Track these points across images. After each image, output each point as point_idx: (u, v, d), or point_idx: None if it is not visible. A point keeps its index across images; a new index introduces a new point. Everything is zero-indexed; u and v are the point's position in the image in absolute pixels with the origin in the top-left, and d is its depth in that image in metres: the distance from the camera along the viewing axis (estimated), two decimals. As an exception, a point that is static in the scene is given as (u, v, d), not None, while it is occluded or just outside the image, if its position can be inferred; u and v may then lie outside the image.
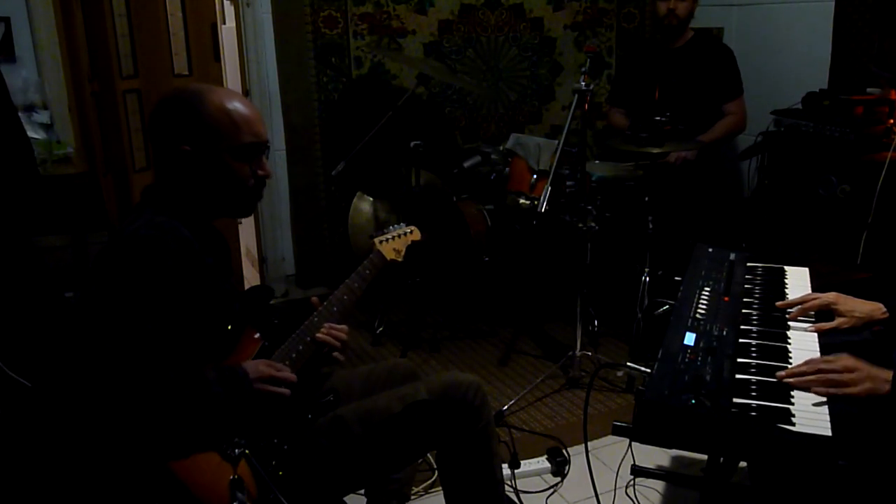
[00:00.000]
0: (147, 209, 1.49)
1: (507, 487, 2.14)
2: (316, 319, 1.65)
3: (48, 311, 2.41)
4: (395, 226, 1.93)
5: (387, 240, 1.88)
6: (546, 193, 2.48)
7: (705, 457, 1.55)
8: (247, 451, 1.42)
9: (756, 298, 1.81)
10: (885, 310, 1.66)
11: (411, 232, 1.93)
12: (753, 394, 1.37)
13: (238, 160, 1.51)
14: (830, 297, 1.72)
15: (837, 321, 1.67)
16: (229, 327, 1.54)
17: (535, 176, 3.21)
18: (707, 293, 1.78)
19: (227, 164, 1.50)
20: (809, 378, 1.39)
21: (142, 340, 1.31)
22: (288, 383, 1.50)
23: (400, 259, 1.88)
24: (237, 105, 1.51)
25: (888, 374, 1.38)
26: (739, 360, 1.50)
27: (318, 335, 1.64)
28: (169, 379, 1.32)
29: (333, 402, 1.63)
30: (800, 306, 1.72)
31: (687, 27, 3.48)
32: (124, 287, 1.34)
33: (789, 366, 1.47)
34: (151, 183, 1.57)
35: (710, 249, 2.06)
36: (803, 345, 1.59)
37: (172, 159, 1.50)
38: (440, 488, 2.05)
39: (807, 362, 1.45)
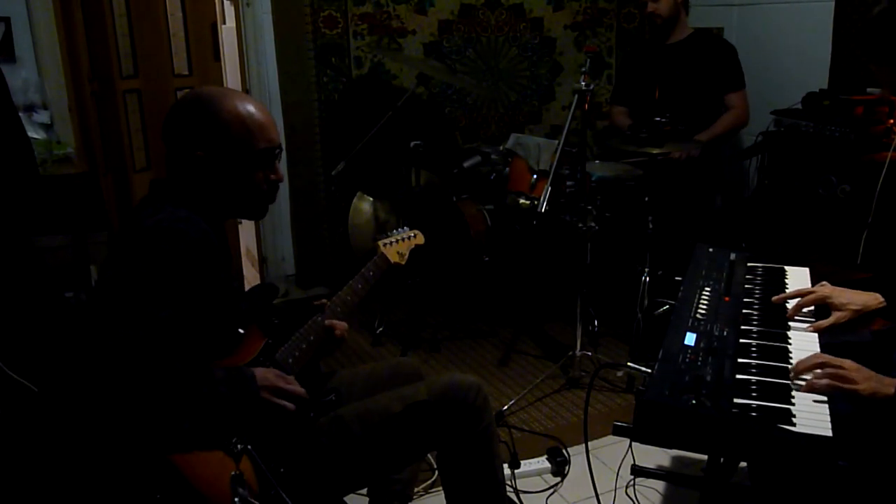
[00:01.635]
0: (166, 203, 1.48)
1: (507, 487, 2.14)
2: (319, 319, 1.66)
3: (48, 311, 2.41)
4: (400, 229, 1.94)
5: (391, 243, 1.89)
6: (546, 193, 2.48)
7: (705, 457, 1.55)
8: (249, 447, 1.42)
9: (756, 298, 1.81)
10: (881, 300, 1.66)
11: (415, 236, 1.95)
12: (754, 394, 1.37)
13: (252, 166, 1.52)
14: (825, 290, 1.72)
15: (834, 316, 1.66)
16: (240, 331, 1.54)
17: (535, 176, 3.21)
18: (707, 293, 1.78)
19: (241, 171, 1.51)
20: (817, 373, 1.39)
21: (155, 330, 1.31)
22: (296, 397, 1.49)
23: (403, 263, 1.90)
24: (252, 111, 1.51)
25: (892, 381, 1.38)
26: (740, 360, 1.50)
27: (329, 321, 1.65)
28: (177, 371, 1.32)
29: (335, 402, 1.63)
30: (796, 302, 1.72)
31: (676, 24, 3.47)
32: (145, 277, 1.34)
33: (790, 366, 1.47)
34: (162, 178, 1.57)
35: (711, 249, 2.05)
36: (804, 345, 1.59)
37: (186, 163, 1.50)
38: (441, 488, 2.05)
39: (814, 357, 1.45)
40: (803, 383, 1.40)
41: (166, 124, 1.53)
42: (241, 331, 1.55)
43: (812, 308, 1.71)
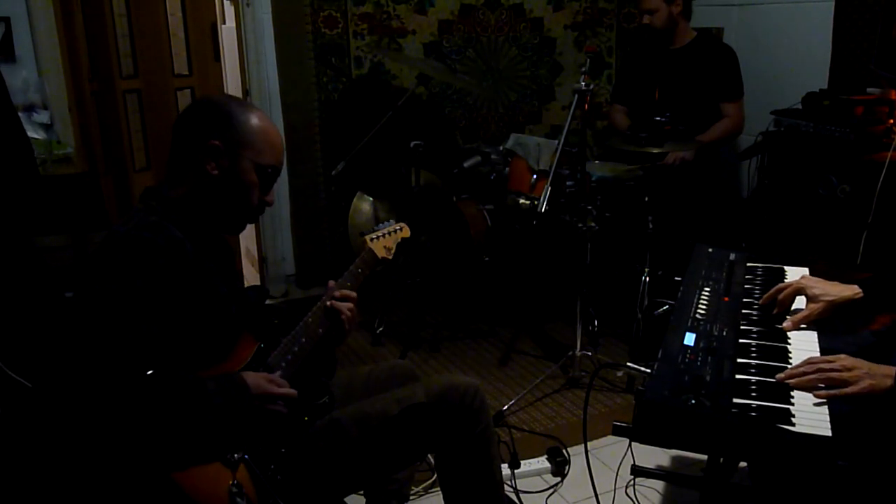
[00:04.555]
0: (143, 210, 1.50)
1: (507, 487, 2.14)
2: (310, 320, 1.65)
3: (48, 311, 2.41)
4: (385, 223, 1.92)
5: (377, 237, 1.87)
6: (546, 193, 2.48)
7: (705, 457, 1.55)
8: (245, 457, 1.42)
9: (756, 299, 1.81)
10: (858, 290, 1.66)
11: (401, 229, 1.92)
12: (753, 394, 1.37)
13: (257, 177, 1.53)
14: (801, 282, 1.72)
15: (809, 308, 1.66)
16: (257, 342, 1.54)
17: (535, 176, 3.21)
18: (707, 293, 1.77)
19: (246, 175, 1.52)
20: (810, 377, 1.39)
21: (129, 341, 1.30)
22: (287, 399, 1.49)
23: (390, 257, 1.87)
24: (273, 130, 1.57)
25: (889, 370, 1.37)
26: (739, 360, 1.50)
27: (330, 302, 1.65)
28: (165, 386, 1.30)
29: (329, 404, 1.63)
30: (778, 298, 1.72)
31: (676, 32, 3.47)
32: (112, 286, 1.34)
33: (789, 366, 1.47)
34: (150, 186, 1.57)
35: (710, 249, 2.05)
36: (803, 345, 1.59)
37: (196, 152, 1.50)
38: (440, 488, 2.05)
39: (806, 362, 1.45)
40: (793, 382, 1.40)
41: (185, 115, 1.55)
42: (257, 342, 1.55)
43: (807, 308, 1.70)
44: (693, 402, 1.30)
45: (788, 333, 1.63)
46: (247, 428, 1.42)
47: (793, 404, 1.34)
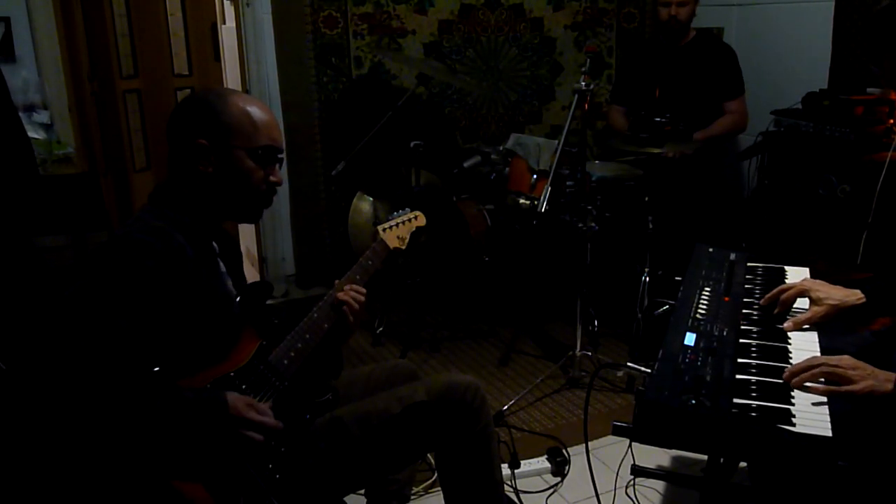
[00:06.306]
0: (149, 213, 1.50)
1: (507, 487, 2.14)
2: (316, 315, 1.63)
3: (48, 312, 2.41)
4: (399, 212, 1.86)
5: (390, 227, 1.81)
6: (546, 193, 2.48)
7: (705, 457, 1.54)
8: None
9: (756, 298, 1.81)
10: (860, 295, 1.66)
11: (416, 217, 1.86)
12: (753, 394, 1.37)
13: (252, 162, 1.52)
14: (805, 284, 1.72)
15: (812, 311, 1.66)
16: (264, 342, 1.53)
17: (535, 176, 3.21)
18: (707, 293, 1.77)
19: (241, 164, 1.51)
20: (813, 373, 1.39)
21: (105, 340, 1.29)
22: (265, 428, 1.42)
23: (404, 247, 1.81)
24: (257, 109, 1.53)
25: (891, 376, 1.37)
26: (740, 360, 1.50)
27: (339, 294, 1.62)
28: (137, 391, 1.29)
29: (332, 402, 1.62)
30: (780, 299, 1.72)
31: (689, 28, 3.49)
32: (103, 286, 1.33)
33: (790, 366, 1.47)
34: (160, 184, 1.57)
35: (710, 249, 2.05)
36: (803, 345, 1.58)
37: (187, 154, 1.50)
38: (440, 488, 2.05)
39: (809, 360, 1.45)
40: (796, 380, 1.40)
41: (171, 118, 1.54)
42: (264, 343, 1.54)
43: (811, 310, 1.70)
44: (693, 402, 1.30)
45: (789, 333, 1.63)
46: (218, 447, 1.36)
47: (793, 404, 1.34)
